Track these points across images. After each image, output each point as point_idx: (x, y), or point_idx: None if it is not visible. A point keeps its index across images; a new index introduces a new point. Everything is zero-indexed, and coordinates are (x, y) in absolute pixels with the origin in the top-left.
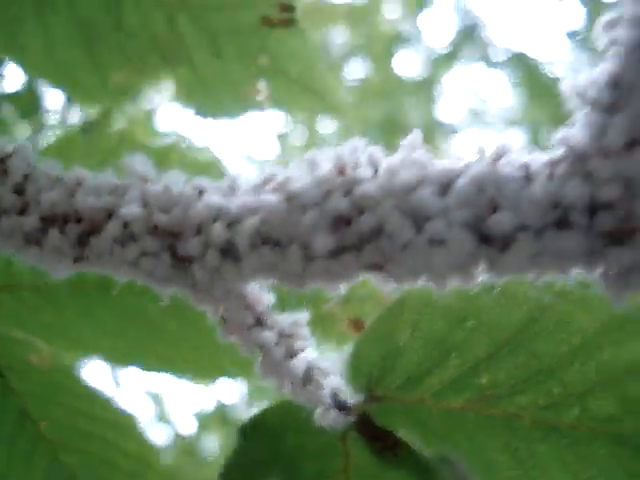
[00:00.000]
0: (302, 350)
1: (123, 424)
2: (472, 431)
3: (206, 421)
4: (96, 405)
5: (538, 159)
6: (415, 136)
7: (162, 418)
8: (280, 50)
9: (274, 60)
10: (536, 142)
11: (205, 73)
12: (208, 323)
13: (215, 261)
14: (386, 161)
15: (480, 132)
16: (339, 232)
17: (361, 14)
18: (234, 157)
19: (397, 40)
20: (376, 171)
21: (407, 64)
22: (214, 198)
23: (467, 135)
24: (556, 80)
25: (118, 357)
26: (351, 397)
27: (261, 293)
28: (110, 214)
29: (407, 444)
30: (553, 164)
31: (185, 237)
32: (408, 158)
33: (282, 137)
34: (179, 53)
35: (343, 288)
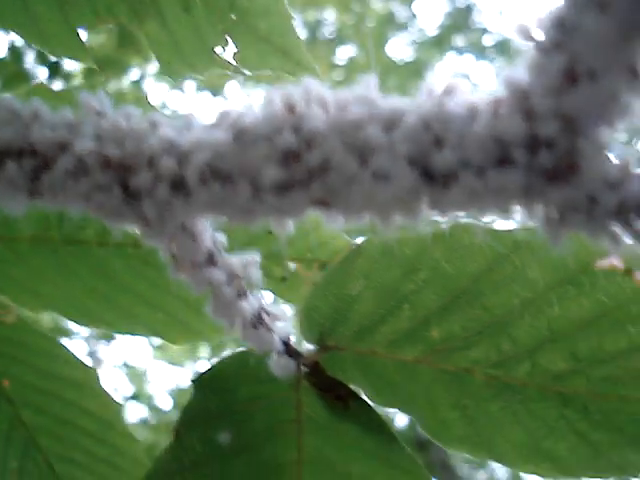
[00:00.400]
0: (252, 292)
1: (84, 382)
2: (425, 386)
3: (182, 398)
4: (57, 363)
5: (484, 98)
6: (369, 77)
7: (140, 395)
8: (250, 7)
9: (243, 17)
10: None
11: (174, 28)
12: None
13: (164, 195)
14: (336, 98)
15: None
16: (288, 167)
17: None
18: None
19: (389, 22)
20: (326, 109)
21: (398, 47)
22: (167, 131)
23: None
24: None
25: (86, 316)
26: (303, 346)
27: (213, 232)
28: (64, 148)
29: (359, 397)
30: (497, 103)
31: (137, 171)
32: (358, 96)
33: None
34: (148, 7)
35: (292, 226)
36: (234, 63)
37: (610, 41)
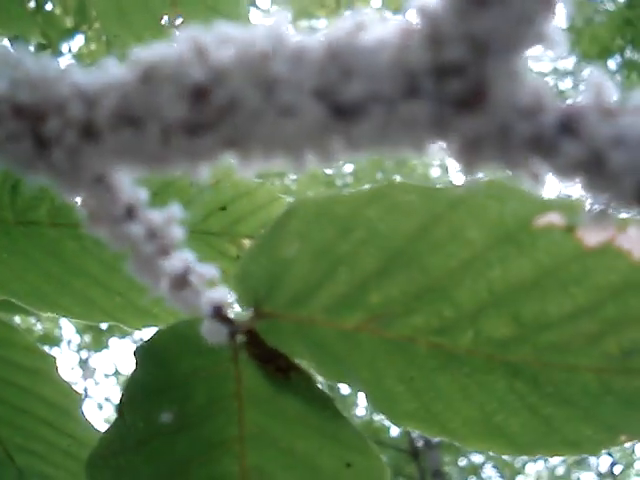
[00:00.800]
0: (175, 250)
1: (42, 370)
2: (368, 357)
3: None
4: (15, 350)
5: (396, 27)
6: (281, 14)
7: None
8: None
9: None
10: None
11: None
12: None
13: (73, 142)
14: (245, 35)
15: None
16: (197, 106)
17: (346, 4)
18: None
19: None
20: (235, 45)
21: None
22: (78, 77)
23: None
24: (539, 76)
25: (41, 300)
26: (238, 314)
27: (132, 185)
28: None
29: (301, 369)
30: (408, 31)
31: (46, 118)
32: (267, 31)
33: None
34: None
35: (205, 173)
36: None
37: None
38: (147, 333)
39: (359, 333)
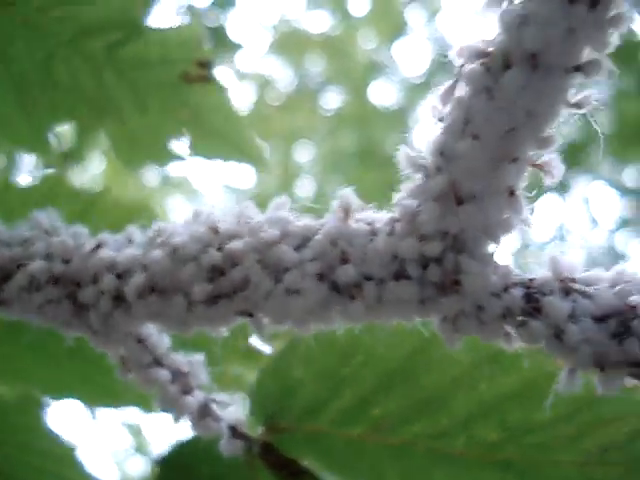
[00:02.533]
0: (198, 386)
1: (64, 455)
2: (372, 459)
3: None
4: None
5: (383, 217)
6: (282, 199)
7: (140, 449)
8: (200, 104)
9: (194, 113)
10: None
11: (131, 126)
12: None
13: (107, 308)
14: (254, 219)
15: None
16: (215, 282)
17: (337, 43)
18: (212, 186)
19: (372, 69)
20: (246, 230)
21: (383, 93)
22: (107, 252)
23: None
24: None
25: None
26: (253, 428)
27: (159, 335)
28: (19, 265)
29: (311, 472)
30: (393, 222)
31: (83, 286)
32: (273, 216)
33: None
34: (107, 107)
35: (225, 331)
36: (189, 155)
37: (483, 166)
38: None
39: (363, 441)
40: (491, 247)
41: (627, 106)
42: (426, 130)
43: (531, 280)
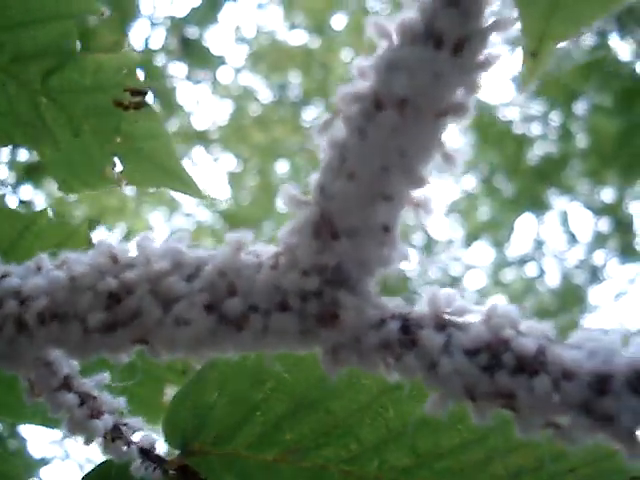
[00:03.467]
0: (108, 410)
1: None
2: None
3: None
4: None
5: (269, 251)
6: (182, 233)
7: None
8: (132, 130)
9: (127, 139)
10: (490, 186)
11: (67, 150)
12: None
13: (11, 332)
14: (149, 250)
15: (434, 176)
16: (111, 310)
17: (317, 57)
18: (187, 198)
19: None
20: (142, 259)
21: None
22: (13, 280)
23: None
24: (508, 123)
25: None
26: (169, 452)
27: (68, 360)
28: None
29: None
30: (277, 255)
31: None
32: (167, 247)
33: (235, 177)
34: (42, 132)
35: (126, 358)
36: (122, 180)
37: (358, 203)
38: None
39: (278, 464)
40: (370, 281)
41: (605, 124)
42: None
43: (409, 313)
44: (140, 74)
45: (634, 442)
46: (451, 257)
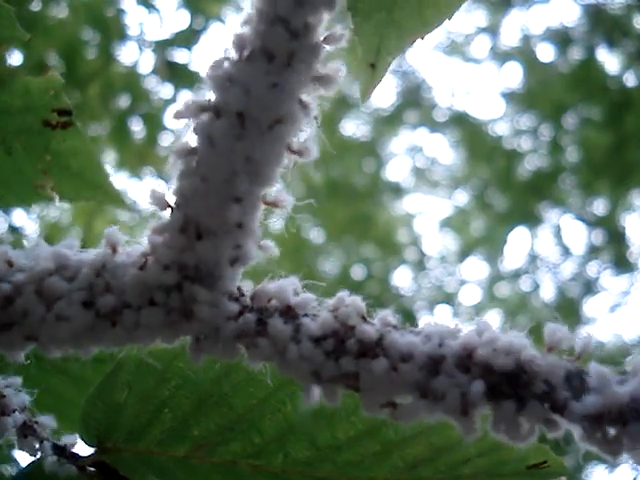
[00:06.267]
0: (19, 408)
1: None
2: (203, 477)
3: None
4: None
5: (140, 250)
6: (71, 241)
7: None
8: (61, 148)
9: (56, 157)
10: (482, 201)
11: (1, 168)
12: None
13: None
14: (39, 253)
15: (426, 192)
16: (6, 310)
17: None
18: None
19: (342, 103)
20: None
21: (353, 126)
22: None
23: (414, 195)
24: (498, 139)
25: None
26: (84, 449)
27: None
28: None
29: None
30: (145, 255)
31: None
32: (55, 251)
33: None
34: None
35: (20, 356)
36: (54, 196)
37: (212, 205)
38: None
39: (190, 460)
40: (230, 275)
41: (595, 137)
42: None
43: (264, 306)
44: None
45: (466, 419)
46: (445, 273)
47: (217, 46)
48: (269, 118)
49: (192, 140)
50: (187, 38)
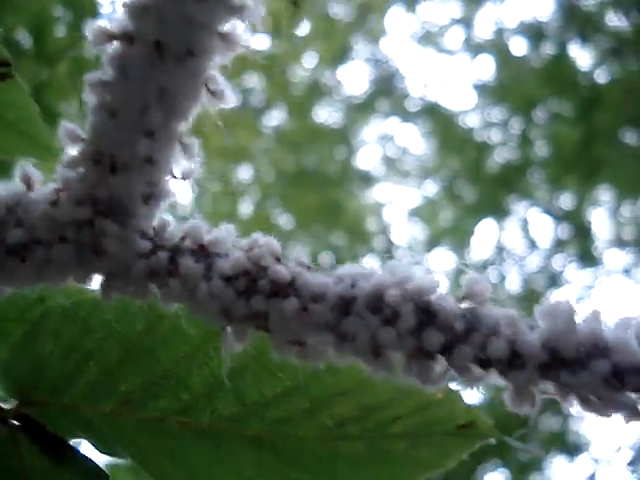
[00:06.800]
0: None
1: None
2: (131, 435)
3: None
4: None
5: (53, 186)
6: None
7: None
8: None
9: None
10: (451, 192)
11: None
12: None
13: None
14: None
15: (396, 182)
16: None
17: (279, 62)
18: None
19: (315, 89)
20: None
21: (324, 113)
22: None
23: (384, 184)
24: (469, 130)
25: None
26: (8, 402)
27: None
28: None
29: (74, 448)
30: (57, 191)
31: None
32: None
33: (198, 181)
34: None
35: None
36: None
37: (123, 139)
38: None
39: (116, 416)
40: (144, 213)
41: (565, 132)
42: None
43: (176, 245)
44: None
45: (377, 361)
46: (412, 262)
47: None
48: (183, 48)
49: (107, 72)
50: None
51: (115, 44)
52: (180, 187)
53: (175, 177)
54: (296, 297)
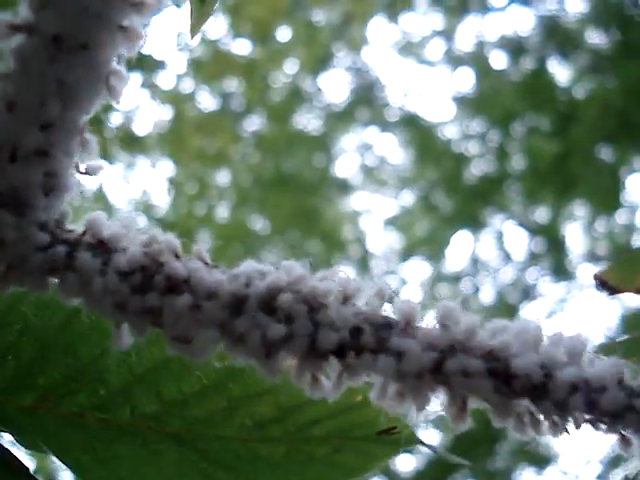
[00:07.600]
0: None
1: None
2: (52, 431)
3: None
4: None
5: None
6: None
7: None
8: None
9: None
10: (428, 203)
11: None
12: None
13: None
14: None
15: (373, 191)
16: None
17: (260, 67)
18: (125, 202)
19: (295, 96)
20: None
21: (304, 120)
22: None
23: (361, 193)
24: (447, 142)
25: None
26: None
27: None
28: None
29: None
30: None
31: None
32: None
33: (175, 184)
34: None
35: None
36: None
37: (19, 131)
38: None
39: (37, 410)
40: (44, 206)
41: (542, 147)
42: None
43: (77, 239)
44: None
45: (266, 359)
46: (387, 271)
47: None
48: (81, 41)
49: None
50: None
51: (17, 36)
52: (158, 189)
53: (80, 172)
54: (190, 294)
